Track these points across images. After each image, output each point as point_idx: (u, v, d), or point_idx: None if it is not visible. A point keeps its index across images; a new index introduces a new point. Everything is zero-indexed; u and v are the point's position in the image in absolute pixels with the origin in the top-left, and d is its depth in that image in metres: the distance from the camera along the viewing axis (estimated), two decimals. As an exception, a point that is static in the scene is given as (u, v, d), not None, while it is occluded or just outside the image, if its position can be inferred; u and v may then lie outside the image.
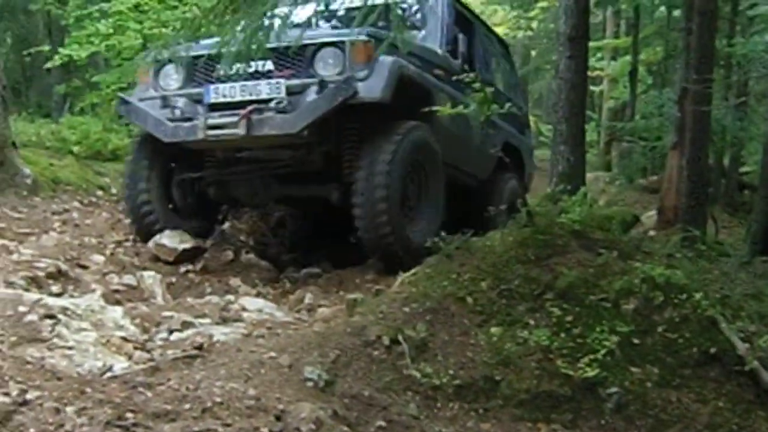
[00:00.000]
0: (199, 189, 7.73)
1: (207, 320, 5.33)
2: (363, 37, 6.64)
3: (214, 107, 6.92)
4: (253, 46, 5.55)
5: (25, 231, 7.50)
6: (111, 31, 13.46)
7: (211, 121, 6.72)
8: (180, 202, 7.71)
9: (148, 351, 4.75)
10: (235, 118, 6.57)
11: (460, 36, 8.22)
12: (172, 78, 7.31)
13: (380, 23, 6.66)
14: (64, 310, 5.00)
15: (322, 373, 4.30)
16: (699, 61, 7.24)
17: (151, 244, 7.22)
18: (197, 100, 7.08)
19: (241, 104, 6.71)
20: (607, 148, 21.00)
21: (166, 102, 7.15)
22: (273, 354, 4.43)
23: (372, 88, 6.58)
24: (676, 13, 15.95)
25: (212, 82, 6.97)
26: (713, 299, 5.23)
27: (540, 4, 21.21)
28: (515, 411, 4.52)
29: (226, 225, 8.73)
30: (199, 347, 4.64)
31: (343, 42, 6.70)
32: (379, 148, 6.74)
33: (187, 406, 3.87)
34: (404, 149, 6.82)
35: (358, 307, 5.22)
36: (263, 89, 6.75)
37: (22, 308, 4.91)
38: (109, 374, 4.32)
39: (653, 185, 14.51)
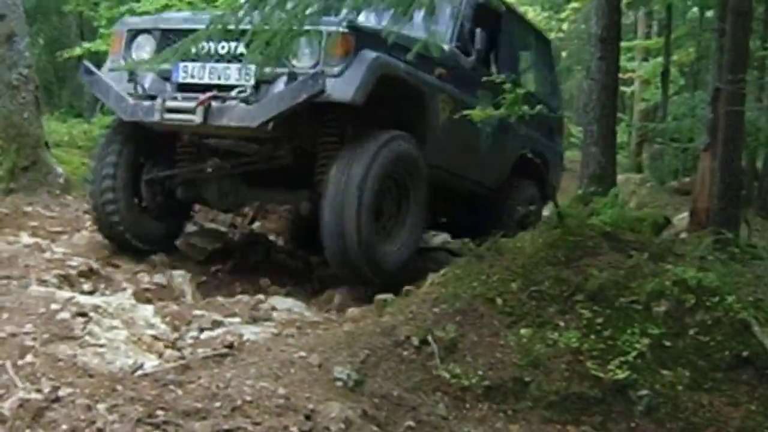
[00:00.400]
0: (169, 188, 7.16)
1: (237, 319, 5.36)
2: (341, 29, 5.93)
3: (182, 87, 6.36)
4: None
5: (58, 229, 7.58)
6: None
7: (168, 104, 6.18)
8: (149, 201, 7.11)
9: (179, 349, 4.78)
10: (192, 104, 6.05)
11: (478, 31, 7.41)
12: (144, 50, 6.67)
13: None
14: (95, 308, 5.05)
15: (352, 373, 4.31)
16: (733, 61, 7.17)
17: (180, 243, 7.25)
18: (166, 78, 6.49)
19: (209, 87, 6.18)
20: (638, 150, 20.87)
21: (132, 76, 6.49)
22: (303, 353, 4.45)
23: (343, 87, 5.92)
24: (709, 13, 15.86)
25: (183, 60, 6.16)
26: (746, 302, 5.17)
27: (571, 5, 21.12)
28: (544, 413, 4.50)
29: (256, 224, 8.78)
30: (230, 346, 4.67)
31: (319, 32, 5.85)
32: (352, 160, 6.13)
33: (218, 404, 3.90)
34: (381, 162, 6.20)
35: (387, 307, 5.25)
36: (233, 74, 6.14)
37: (54, 306, 4.97)
38: (140, 372, 4.35)
39: (685, 187, 14.40)
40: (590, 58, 8.07)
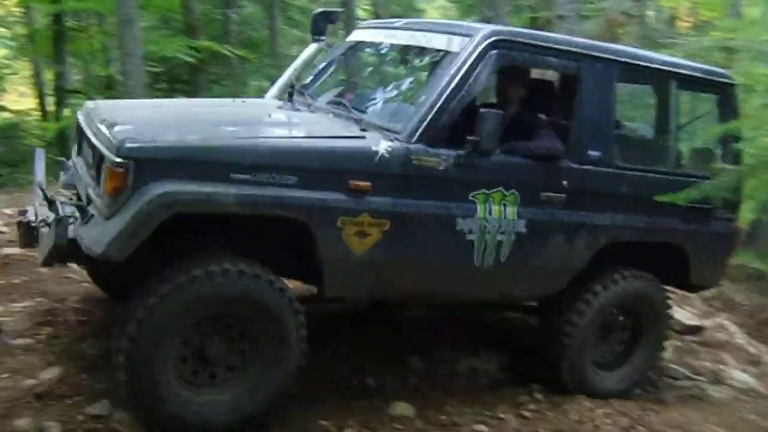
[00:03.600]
0: None
1: (702, 378, 4.94)
2: (115, 158, 2.95)
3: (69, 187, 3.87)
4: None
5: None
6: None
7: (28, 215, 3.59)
8: None
9: (657, 390, 4.56)
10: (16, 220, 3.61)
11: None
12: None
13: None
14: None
15: (788, 441, 3.84)
16: None
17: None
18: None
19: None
20: None
21: (66, 164, 4.07)
22: (753, 416, 4.06)
23: (99, 237, 2.95)
24: None
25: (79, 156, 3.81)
26: None
27: None
28: None
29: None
30: (695, 396, 4.40)
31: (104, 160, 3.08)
32: (147, 290, 3.04)
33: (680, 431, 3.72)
34: (185, 297, 3.02)
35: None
36: (81, 190, 3.62)
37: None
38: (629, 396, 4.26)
39: None
40: None
